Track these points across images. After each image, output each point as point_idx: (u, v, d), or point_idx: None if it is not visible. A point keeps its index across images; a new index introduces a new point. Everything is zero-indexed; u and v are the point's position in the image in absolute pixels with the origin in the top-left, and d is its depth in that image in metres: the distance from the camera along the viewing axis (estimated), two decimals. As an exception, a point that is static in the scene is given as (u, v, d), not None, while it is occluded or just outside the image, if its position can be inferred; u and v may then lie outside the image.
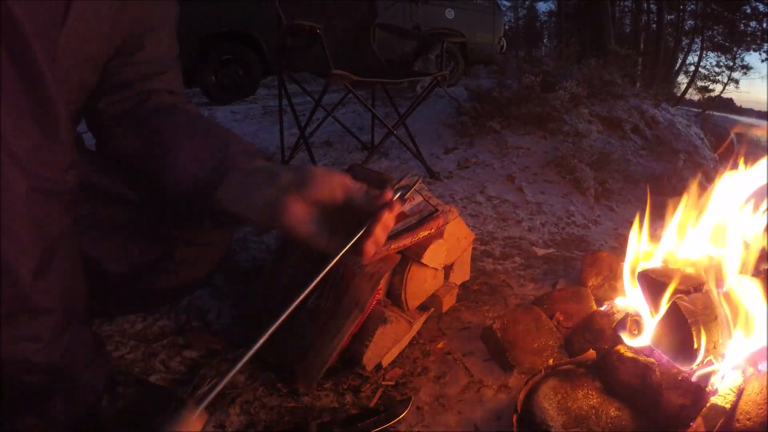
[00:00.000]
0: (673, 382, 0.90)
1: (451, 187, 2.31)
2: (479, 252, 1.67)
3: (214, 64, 4.80)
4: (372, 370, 1.05)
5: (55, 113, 0.59)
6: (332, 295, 1.00)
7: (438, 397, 1.01)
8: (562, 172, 2.55)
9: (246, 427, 0.92)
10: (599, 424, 0.85)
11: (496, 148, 2.82)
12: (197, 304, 1.25)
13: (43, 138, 0.59)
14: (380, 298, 1.11)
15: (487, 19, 6.78)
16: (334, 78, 1.95)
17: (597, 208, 2.32)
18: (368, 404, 0.98)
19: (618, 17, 13.08)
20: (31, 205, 0.58)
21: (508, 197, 2.25)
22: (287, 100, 2.48)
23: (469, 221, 1.94)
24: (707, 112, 5.69)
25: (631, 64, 4.60)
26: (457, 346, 1.16)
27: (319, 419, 0.93)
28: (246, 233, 1.68)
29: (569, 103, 3.08)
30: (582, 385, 0.92)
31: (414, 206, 1.15)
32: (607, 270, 1.37)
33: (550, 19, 18.74)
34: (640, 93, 3.77)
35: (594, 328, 1.09)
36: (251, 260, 1.51)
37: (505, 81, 3.51)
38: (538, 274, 1.55)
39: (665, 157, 3.00)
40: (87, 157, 0.80)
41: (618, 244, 1.92)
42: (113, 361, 1.05)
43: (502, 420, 0.96)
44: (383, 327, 1.03)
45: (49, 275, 0.61)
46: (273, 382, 1.02)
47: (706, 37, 14.39)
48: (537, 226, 1.98)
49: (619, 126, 3.17)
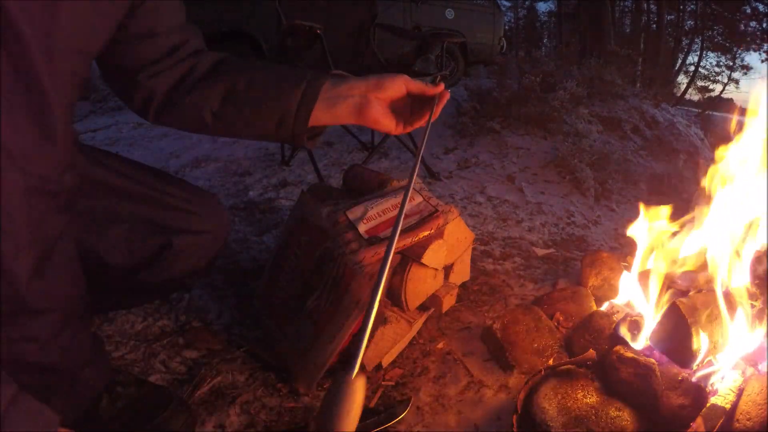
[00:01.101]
0: (673, 382, 0.90)
1: (451, 187, 2.31)
2: (479, 252, 1.67)
3: (214, 65, 4.79)
4: (372, 370, 1.05)
5: (52, 113, 0.60)
6: (332, 295, 1.00)
7: (438, 397, 1.01)
8: (562, 172, 2.55)
9: (246, 427, 0.92)
10: (599, 424, 0.85)
11: (496, 149, 2.82)
12: (197, 304, 1.25)
13: (41, 138, 0.59)
14: (380, 298, 1.11)
15: (487, 20, 6.78)
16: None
17: (597, 208, 2.32)
18: (368, 404, 0.98)
19: (618, 17, 13.08)
20: (29, 206, 0.58)
21: (508, 197, 2.25)
22: (287, 100, 2.48)
23: (469, 221, 1.94)
24: (707, 112, 5.69)
25: (631, 64, 4.60)
26: (457, 346, 1.16)
27: (319, 419, 0.93)
28: (246, 233, 1.68)
29: (569, 104, 3.08)
30: (582, 385, 0.92)
31: (414, 206, 1.15)
32: (607, 270, 1.37)
33: (550, 19, 18.74)
34: (640, 93, 3.77)
35: (594, 328, 1.09)
36: (251, 260, 1.51)
37: (505, 81, 3.51)
38: (538, 274, 1.55)
39: (665, 157, 3.00)
40: (84, 151, 0.80)
41: (618, 244, 1.92)
42: (113, 361, 1.05)
43: (502, 420, 0.96)
44: (383, 327, 1.03)
45: (46, 276, 0.61)
46: (273, 382, 1.02)
47: (706, 37, 14.38)
48: (537, 227, 1.98)
49: (619, 126, 3.18)
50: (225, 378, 1.02)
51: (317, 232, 1.13)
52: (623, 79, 3.69)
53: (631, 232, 1.24)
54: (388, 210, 1.09)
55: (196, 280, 1.16)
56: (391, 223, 1.05)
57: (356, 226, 1.02)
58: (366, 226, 1.03)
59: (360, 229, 1.02)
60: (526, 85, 3.14)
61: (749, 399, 0.81)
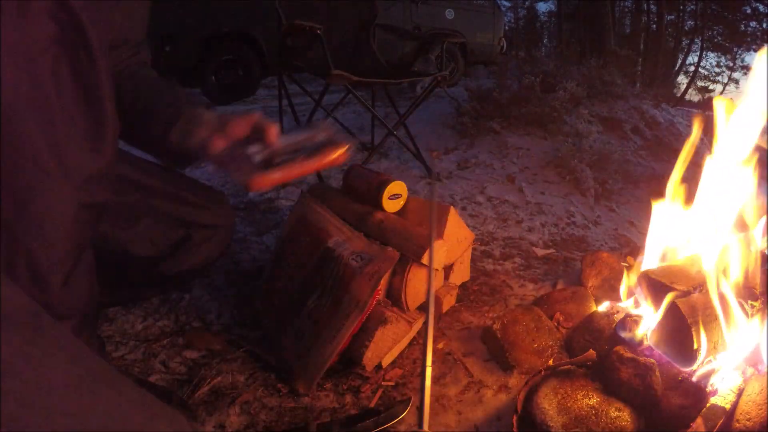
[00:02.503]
0: (673, 383, 0.90)
1: (451, 187, 2.31)
2: (479, 252, 1.67)
3: (214, 65, 4.80)
4: (372, 370, 1.05)
5: (107, 127, 0.61)
6: (332, 296, 1.00)
7: (438, 398, 1.01)
8: (562, 172, 2.55)
9: (246, 427, 0.92)
10: (599, 424, 0.85)
11: (496, 149, 2.82)
12: (197, 304, 1.25)
13: (93, 151, 0.60)
14: (380, 298, 1.11)
15: (487, 20, 6.78)
16: (333, 78, 1.95)
17: (597, 208, 2.32)
18: (368, 404, 0.98)
19: (618, 17, 13.07)
20: (75, 220, 0.58)
21: (508, 197, 2.25)
22: (287, 100, 2.48)
23: (469, 221, 1.94)
24: (707, 112, 5.69)
25: (631, 65, 4.61)
26: (457, 347, 1.16)
27: (319, 419, 0.93)
28: (246, 233, 1.68)
29: (569, 104, 3.08)
30: (582, 386, 0.92)
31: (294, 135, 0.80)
32: (607, 270, 1.37)
33: (550, 19, 18.71)
34: (640, 93, 3.77)
35: (594, 328, 1.09)
36: (251, 260, 1.51)
37: (505, 81, 3.51)
38: (538, 274, 1.55)
39: (665, 157, 3.00)
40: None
41: (618, 245, 1.92)
42: (113, 361, 1.05)
43: (502, 420, 0.96)
44: (383, 327, 1.03)
45: (71, 283, 0.61)
46: (273, 382, 1.02)
47: (706, 37, 14.38)
48: (537, 227, 1.98)
49: (619, 126, 3.18)
50: (225, 378, 1.02)
51: (317, 232, 1.13)
52: (623, 79, 3.69)
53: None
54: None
55: (208, 268, 1.20)
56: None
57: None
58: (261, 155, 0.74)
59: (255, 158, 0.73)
60: (526, 86, 3.14)
61: (749, 399, 0.81)
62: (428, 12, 6.15)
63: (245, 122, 0.74)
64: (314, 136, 0.75)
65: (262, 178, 0.66)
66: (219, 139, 0.73)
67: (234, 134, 0.74)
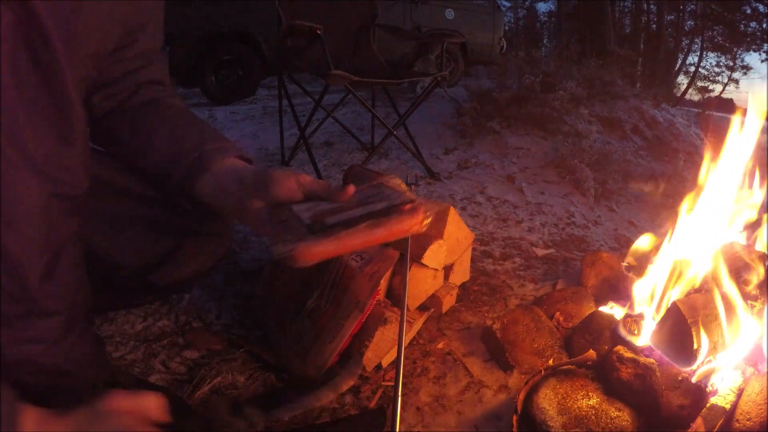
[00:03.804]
0: (673, 383, 0.90)
1: (451, 187, 2.31)
2: (479, 252, 1.67)
3: (214, 65, 4.80)
4: (372, 370, 1.05)
5: (73, 116, 0.60)
6: (332, 296, 1.00)
7: (438, 398, 1.01)
8: (562, 172, 2.55)
9: (246, 427, 0.92)
10: (599, 424, 0.85)
11: (496, 149, 2.82)
12: (197, 304, 1.25)
13: (61, 142, 0.59)
14: (380, 298, 1.11)
15: (486, 20, 6.79)
16: (333, 78, 1.95)
17: (597, 208, 2.32)
18: (368, 404, 0.98)
19: (618, 17, 13.08)
20: (46, 209, 0.58)
21: (508, 198, 2.25)
22: (287, 100, 2.48)
23: (469, 221, 1.94)
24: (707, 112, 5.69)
25: (631, 65, 4.61)
26: (457, 347, 1.16)
27: (319, 419, 0.93)
28: (246, 233, 1.68)
29: (569, 104, 3.08)
30: (582, 386, 0.92)
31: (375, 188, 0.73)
32: (607, 270, 1.37)
33: (550, 19, 18.73)
34: (640, 93, 3.77)
35: (594, 328, 1.09)
36: (251, 260, 1.51)
37: (505, 81, 3.51)
38: (538, 274, 1.55)
39: (665, 157, 3.00)
40: (95, 153, 0.80)
41: (618, 244, 1.92)
42: (113, 361, 1.05)
43: (502, 420, 0.96)
44: (383, 327, 1.03)
45: (55, 278, 0.61)
46: (273, 382, 1.02)
47: (706, 37, 14.39)
48: (537, 227, 1.98)
49: (619, 126, 3.18)
50: (225, 378, 1.02)
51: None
52: (623, 79, 3.70)
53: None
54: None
55: (201, 278, 1.17)
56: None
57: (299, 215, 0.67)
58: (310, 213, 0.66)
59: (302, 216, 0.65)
60: (526, 86, 3.14)
61: (749, 399, 0.81)
62: (428, 12, 6.16)
63: (294, 183, 0.63)
64: (380, 192, 0.60)
65: (309, 249, 0.55)
66: (258, 200, 0.65)
67: (279, 197, 0.64)
